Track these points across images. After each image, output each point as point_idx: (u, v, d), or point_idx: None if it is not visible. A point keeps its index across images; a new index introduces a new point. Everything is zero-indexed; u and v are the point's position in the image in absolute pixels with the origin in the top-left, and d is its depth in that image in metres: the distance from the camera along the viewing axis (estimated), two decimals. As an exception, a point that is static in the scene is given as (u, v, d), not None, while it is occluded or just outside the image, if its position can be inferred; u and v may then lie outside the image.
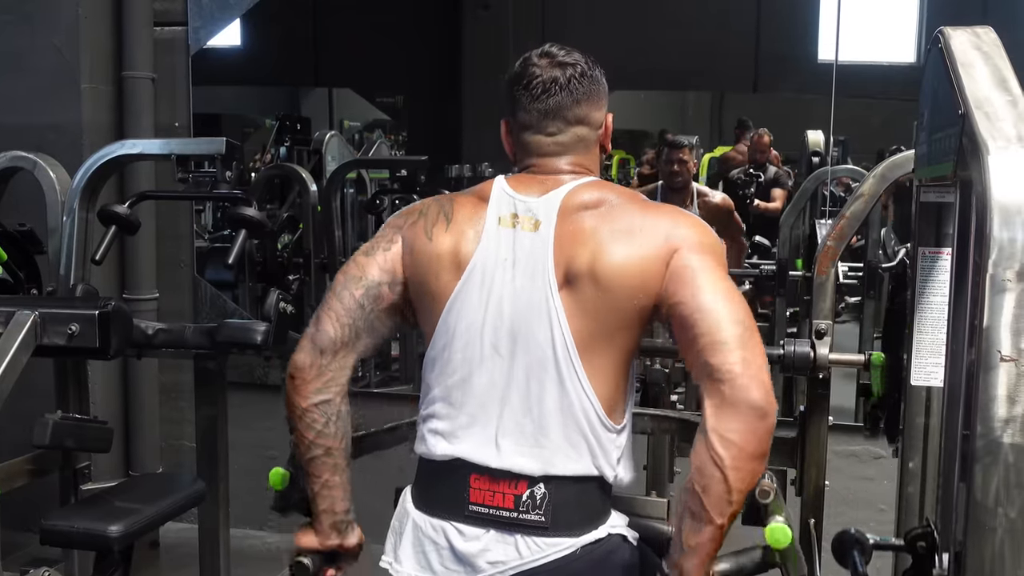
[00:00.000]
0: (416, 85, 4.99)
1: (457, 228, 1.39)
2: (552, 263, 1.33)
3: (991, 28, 1.24)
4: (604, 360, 1.33)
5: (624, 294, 1.30)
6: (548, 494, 1.32)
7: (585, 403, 1.32)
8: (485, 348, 1.35)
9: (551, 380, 1.32)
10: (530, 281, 1.34)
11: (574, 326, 1.31)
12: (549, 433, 1.32)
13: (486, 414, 1.35)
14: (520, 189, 1.40)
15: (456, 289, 1.36)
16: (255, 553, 3.37)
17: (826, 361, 1.86)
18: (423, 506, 1.40)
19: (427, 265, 1.39)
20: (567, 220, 1.35)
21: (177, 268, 3.56)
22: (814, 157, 3.77)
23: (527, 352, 1.33)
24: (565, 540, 1.31)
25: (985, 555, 1.03)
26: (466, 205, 1.42)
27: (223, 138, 2.26)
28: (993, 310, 1.01)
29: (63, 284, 2.32)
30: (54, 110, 3.26)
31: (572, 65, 1.39)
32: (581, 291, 1.31)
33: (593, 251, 1.31)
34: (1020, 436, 1.01)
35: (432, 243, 1.39)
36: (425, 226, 1.41)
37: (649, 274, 1.30)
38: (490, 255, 1.36)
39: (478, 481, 1.34)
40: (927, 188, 1.61)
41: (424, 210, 1.43)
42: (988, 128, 1.08)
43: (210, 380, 2.29)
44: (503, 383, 1.34)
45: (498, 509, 1.33)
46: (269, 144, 4.73)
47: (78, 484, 2.40)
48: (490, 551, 1.33)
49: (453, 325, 1.36)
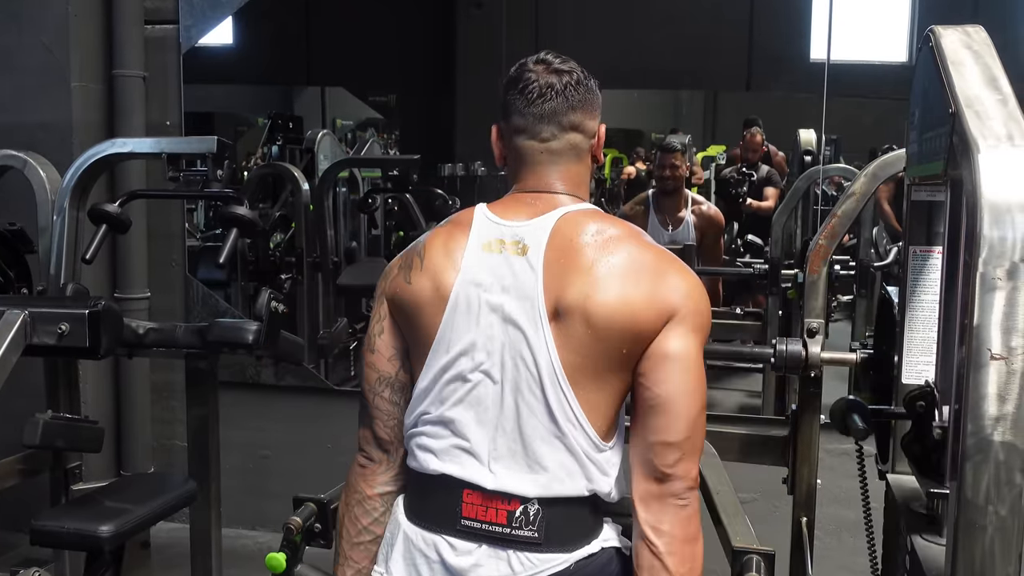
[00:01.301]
0: (409, 84, 4.98)
1: (431, 264, 1.38)
2: (542, 290, 1.31)
3: (981, 27, 1.25)
4: (596, 395, 1.31)
5: (615, 339, 1.29)
6: (541, 511, 1.31)
7: (577, 433, 1.31)
8: (476, 374, 1.33)
9: (541, 409, 1.31)
10: (519, 307, 1.32)
11: (564, 360, 1.29)
12: (542, 460, 1.31)
13: (478, 440, 1.34)
14: (505, 215, 1.38)
15: (443, 321, 1.35)
16: (247, 553, 3.36)
17: (818, 360, 1.86)
18: (415, 518, 1.39)
19: (412, 308, 1.38)
20: (559, 247, 1.33)
21: (168, 267, 3.55)
22: (806, 156, 3.78)
23: (517, 379, 1.31)
24: (558, 556, 1.31)
25: (976, 553, 1.03)
26: (437, 238, 1.40)
27: (214, 137, 2.25)
28: (983, 308, 1.01)
29: (53, 283, 2.31)
30: (44, 109, 3.25)
31: (568, 72, 1.40)
32: (572, 327, 1.29)
33: (586, 290, 1.29)
34: (1010, 434, 1.01)
35: (412, 286, 1.38)
36: (403, 275, 1.41)
37: (645, 321, 1.29)
38: (473, 280, 1.34)
39: (471, 496, 1.33)
40: (918, 187, 1.61)
41: (399, 263, 1.44)
42: (978, 127, 1.08)
43: (201, 380, 2.29)
44: (495, 410, 1.33)
45: (491, 524, 1.32)
46: (261, 143, 4.72)
47: (69, 484, 2.39)
48: (482, 566, 1.31)
49: (443, 355, 1.35)
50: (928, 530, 1.45)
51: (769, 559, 1.55)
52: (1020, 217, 1.01)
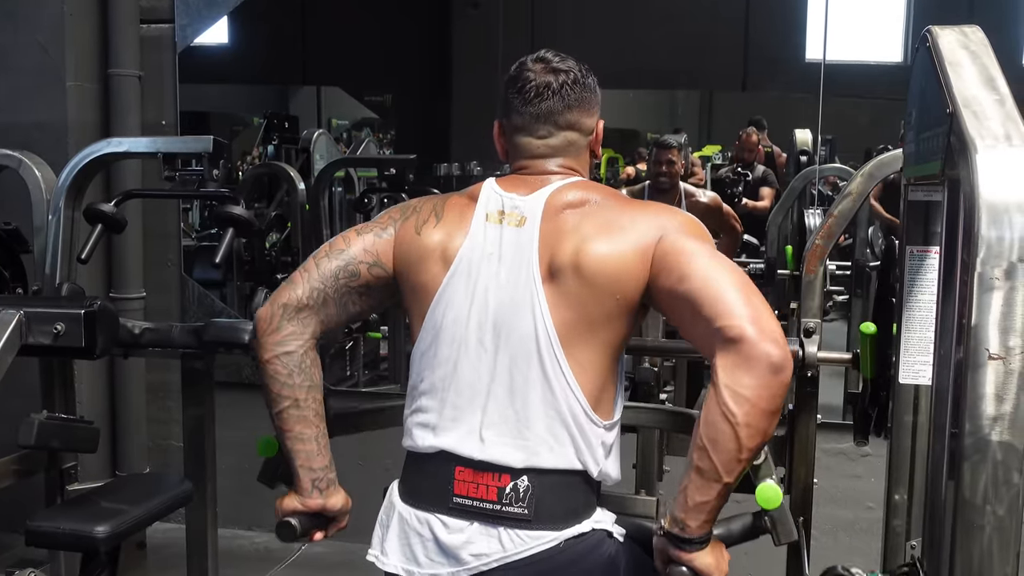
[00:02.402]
0: (405, 84, 4.99)
1: (446, 225, 1.42)
2: (537, 257, 1.36)
3: (979, 27, 1.25)
4: (588, 353, 1.34)
5: (607, 286, 1.32)
6: (531, 487, 1.33)
7: (569, 396, 1.33)
8: (471, 341, 1.37)
9: (534, 372, 1.33)
10: (515, 275, 1.36)
11: (557, 318, 1.33)
12: (532, 425, 1.33)
13: (471, 406, 1.36)
14: (508, 188, 1.43)
15: (443, 283, 1.39)
16: (244, 553, 3.35)
17: (814, 359, 1.86)
18: (409, 499, 1.41)
19: (416, 260, 1.42)
20: (552, 216, 1.38)
21: (164, 267, 3.54)
22: (802, 156, 3.79)
23: (511, 345, 1.35)
24: (548, 533, 1.32)
25: (974, 553, 1.04)
26: (456, 204, 1.45)
27: (210, 136, 2.24)
28: (981, 308, 1.01)
29: (49, 283, 2.30)
30: (39, 108, 3.23)
31: (565, 72, 1.43)
32: (564, 284, 1.33)
33: (576, 245, 1.34)
34: (1008, 434, 1.01)
35: (421, 238, 1.42)
36: (416, 222, 1.44)
37: (632, 265, 1.32)
38: (476, 250, 1.39)
39: (462, 473, 1.35)
40: (915, 187, 1.61)
41: (417, 207, 1.47)
42: (976, 127, 1.08)
43: (197, 380, 2.28)
44: (488, 376, 1.36)
45: (481, 501, 1.34)
46: (257, 142, 4.71)
47: (64, 484, 2.38)
48: (474, 543, 1.33)
49: (440, 319, 1.39)
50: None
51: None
52: (1018, 217, 1.01)
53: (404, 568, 1.38)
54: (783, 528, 1.40)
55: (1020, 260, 1.01)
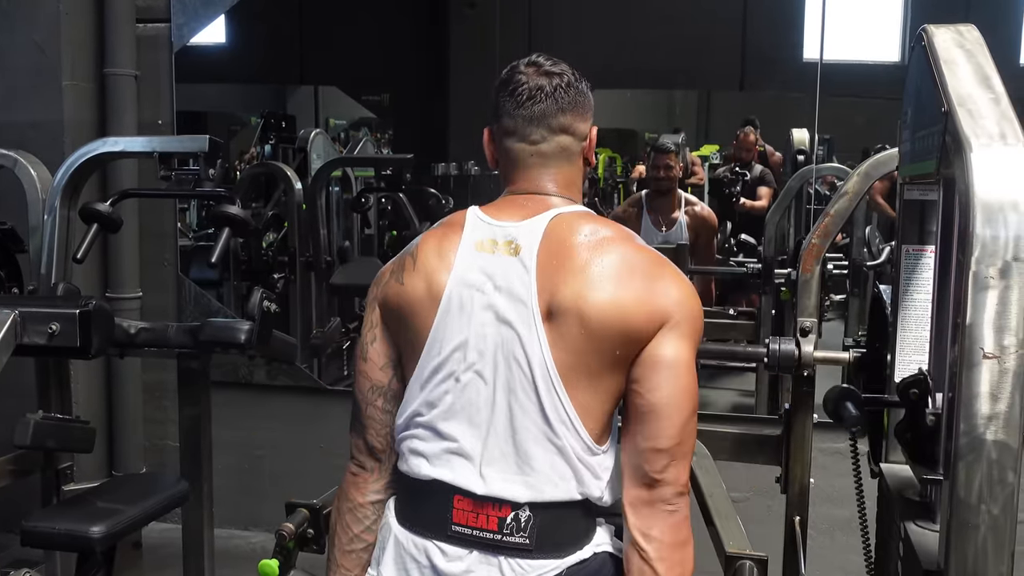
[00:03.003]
0: (402, 83, 4.97)
1: (424, 265, 1.37)
2: (536, 292, 1.30)
3: (974, 26, 1.25)
4: (589, 397, 1.30)
5: (608, 340, 1.28)
6: (532, 517, 1.30)
7: (570, 435, 1.30)
8: (468, 374, 1.33)
9: (534, 410, 1.30)
10: (512, 307, 1.31)
11: (558, 359, 1.29)
12: (533, 463, 1.30)
13: (471, 442, 1.33)
14: (498, 216, 1.37)
15: (435, 322, 1.34)
16: (240, 553, 3.35)
17: (811, 359, 1.86)
18: (405, 522, 1.38)
19: (405, 309, 1.38)
20: (552, 248, 1.32)
21: (161, 267, 3.54)
22: (799, 155, 3.79)
23: (510, 379, 1.31)
24: (550, 562, 1.30)
25: (968, 552, 1.04)
26: (431, 240, 1.40)
27: (206, 136, 2.24)
28: (976, 307, 1.01)
29: (44, 283, 2.30)
30: (35, 107, 3.23)
31: (559, 75, 1.39)
32: (566, 327, 1.28)
33: (581, 287, 1.28)
34: (1003, 433, 1.01)
35: (405, 287, 1.38)
36: (396, 278, 1.40)
37: (636, 327, 1.28)
38: (466, 280, 1.34)
39: (461, 502, 1.32)
40: (911, 186, 1.61)
41: (391, 268, 1.43)
42: (971, 126, 1.08)
43: (193, 379, 2.28)
44: (487, 411, 1.32)
45: (481, 531, 1.31)
46: (254, 142, 4.71)
47: (60, 485, 2.38)
48: (473, 572, 1.31)
49: (436, 355, 1.34)
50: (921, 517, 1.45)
51: (762, 564, 1.55)
52: (1013, 216, 1.01)
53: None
54: None
55: (1015, 259, 1.01)
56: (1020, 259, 1.01)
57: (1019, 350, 1.01)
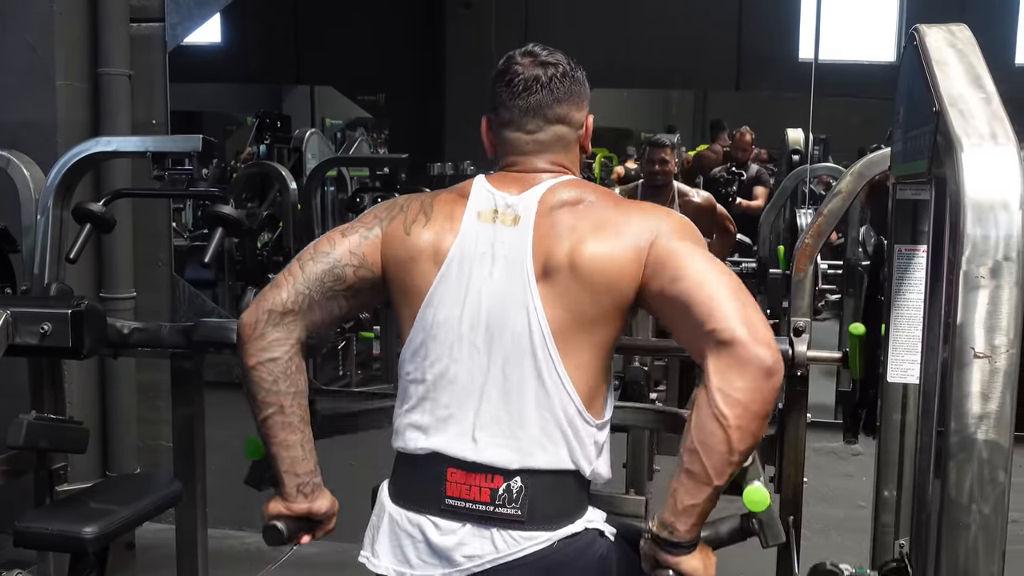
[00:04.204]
0: (398, 83, 4.98)
1: (435, 224, 1.40)
2: (531, 256, 1.34)
3: (966, 26, 1.25)
4: (583, 353, 1.33)
5: (603, 285, 1.32)
6: (524, 488, 1.32)
7: (563, 395, 1.33)
8: (463, 341, 1.35)
9: (529, 372, 1.33)
10: (508, 274, 1.35)
11: (552, 317, 1.32)
12: (526, 425, 1.33)
13: (464, 408, 1.35)
14: (500, 186, 1.42)
15: (434, 283, 1.37)
16: (234, 554, 3.34)
17: (804, 359, 1.86)
18: (400, 500, 1.40)
19: (405, 260, 1.40)
20: (546, 215, 1.37)
21: (155, 267, 3.53)
22: (794, 155, 3.79)
23: (504, 344, 1.34)
24: (541, 534, 1.32)
25: (959, 552, 1.03)
26: (446, 202, 1.43)
27: (199, 135, 2.23)
28: (967, 307, 1.01)
29: (37, 283, 2.29)
30: (28, 107, 3.21)
31: (554, 65, 1.42)
32: (560, 283, 1.32)
33: (572, 244, 1.33)
34: (994, 432, 1.01)
35: (410, 238, 1.40)
36: (404, 221, 1.42)
37: (628, 266, 1.32)
38: (468, 249, 1.37)
39: (454, 475, 1.34)
40: (903, 186, 1.61)
41: (405, 206, 1.45)
42: (962, 125, 1.08)
43: (187, 380, 2.27)
44: (481, 377, 1.35)
45: (474, 503, 1.33)
46: (249, 142, 4.70)
47: (53, 485, 2.36)
48: (466, 545, 1.33)
49: (431, 319, 1.37)
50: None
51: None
52: (1003, 215, 1.01)
53: (396, 570, 1.38)
54: (771, 531, 1.40)
55: (1005, 258, 1.01)
56: (1011, 259, 1.01)
57: (1010, 349, 1.01)
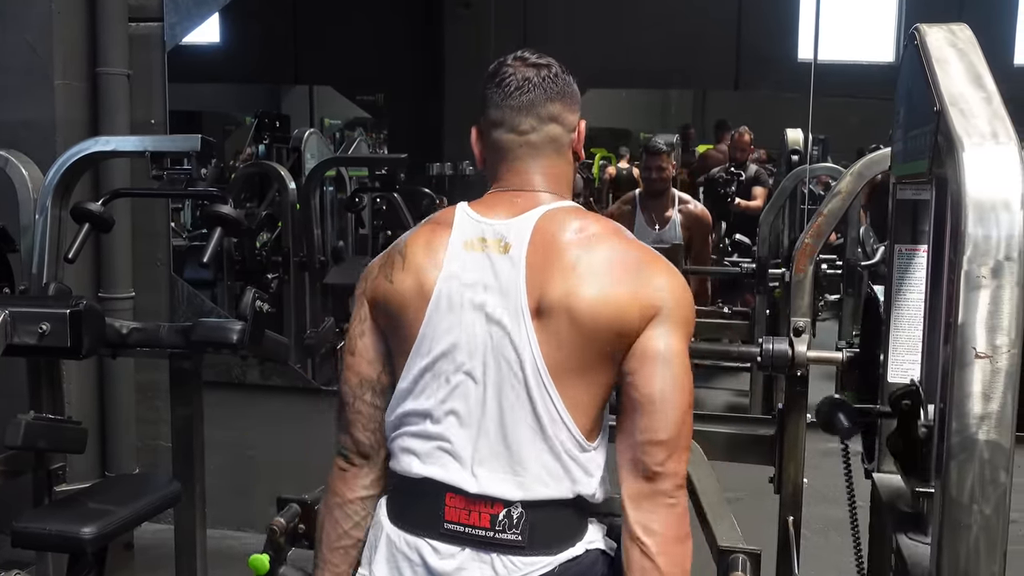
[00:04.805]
0: (397, 83, 4.97)
1: (413, 263, 1.36)
2: (525, 289, 1.30)
3: (966, 25, 1.24)
4: (580, 393, 1.30)
5: (599, 336, 1.28)
6: (525, 514, 1.30)
7: (561, 432, 1.30)
8: (458, 374, 1.32)
9: (525, 408, 1.29)
10: (502, 306, 1.31)
11: (548, 356, 1.28)
12: (525, 462, 1.30)
13: (461, 442, 1.32)
14: (486, 213, 1.36)
15: (424, 320, 1.34)
16: (233, 554, 3.33)
17: (804, 359, 1.86)
18: (397, 521, 1.37)
19: (394, 307, 1.37)
20: (541, 245, 1.31)
21: (153, 267, 3.52)
22: (793, 155, 3.79)
23: (500, 379, 1.30)
24: (542, 559, 1.30)
25: (960, 552, 1.03)
26: (419, 238, 1.39)
27: (198, 135, 2.23)
28: (968, 307, 1.01)
29: (36, 283, 2.29)
30: (26, 107, 3.21)
31: (546, 67, 1.40)
32: (555, 324, 1.28)
33: (571, 284, 1.28)
34: (995, 433, 1.01)
35: (394, 285, 1.37)
36: (384, 274, 1.39)
37: (627, 322, 1.28)
38: (454, 279, 1.33)
39: (453, 500, 1.32)
40: (903, 185, 1.61)
41: (380, 263, 1.42)
42: (963, 125, 1.08)
43: (186, 380, 2.27)
44: (479, 410, 1.32)
45: (474, 528, 1.30)
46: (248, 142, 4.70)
47: (52, 485, 2.36)
48: (465, 569, 1.30)
49: (425, 354, 1.34)
50: (913, 529, 1.45)
51: (755, 558, 1.55)
52: (1005, 215, 1.01)
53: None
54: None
55: (1007, 258, 1.00)
56: (1012, 258, 1.00)
57: (1011, 350, 1.00)
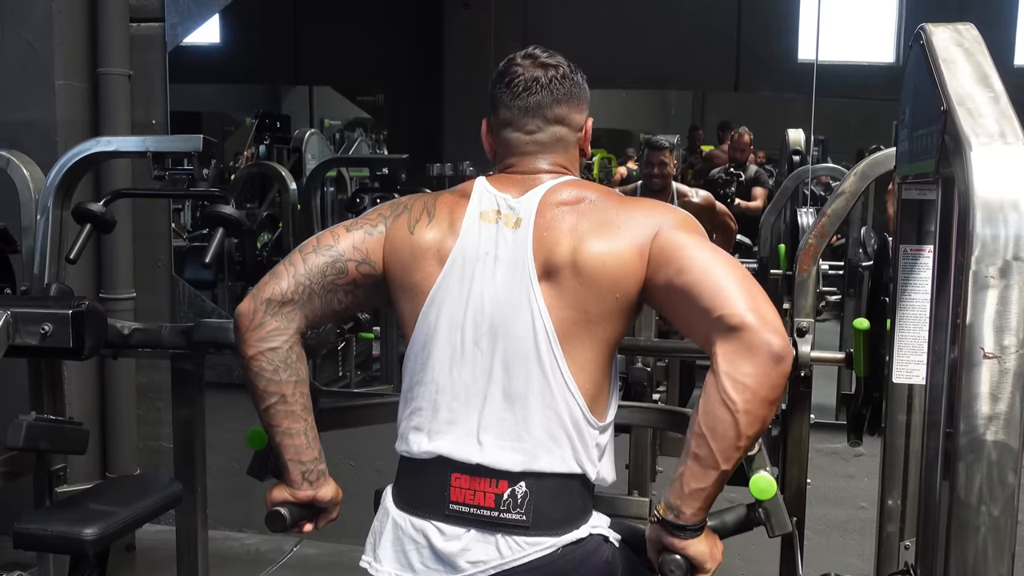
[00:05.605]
0: (397, 84, 4.98)
1: (438, 224, 1.40)
2: (532, 256, 1.34)
3: (972, 25, 1.24)
4: (586, 353, 1.33)
5: (606, 284, 1.32)
6: (529, 492, 1.31)
7: (568, 396, 1.32)
8: (466, 343, 1.35)
9: (533, 373, 1.32)
10: (511, 275, 1.35)
11: (555, 317, 1.32)
12: (531, 427, 1.32)
13: (467, 410, 1.35)
14: (501, 188, 1.42)
15: (436, 283, 1.37)
16: (234, 555, 3.34)
17: (808, 359, 1.86)
18: (404, 505, 1.39)
19: (408, 259, 1.40)
20: (546, 216, 1.37)
21: (155, 267, 3.52)
22: (794, 156, 3.79)
23: (508, 345, 1.33)
24: (546, 539, 1.31)
25: (968, 554, 1.03)
26: (447, 203, 1.43)
27: (200, 135, 2.22)
28: (976, 307, 1.01)
29: (37, 283, 2.29)
30: (27, 107, 3.21)
31: (554, 67, 1.43)
32: (562, 283, 1.32)
33: (574, 244, 1.33)
34: (1003, 433, 1.01)
35: (414, 236, 1.40)
36: (408, 220, 1.42)
37: (631, 263, 1.32)
38: (470, 249, 1.37)
39: (459, 480, 1.34)
40: (908, 185, 1.61)
41: (408, 205, 1.45)
42: (970, 125, 1.07)
43: (187, 380, 2.26)
44: (484, 378, 1.34)
45: (479, 508, 1.32)
46: (249, 142, 4.70)
47: (53, 486, 2.36)
48: (471, 550, 1.32)
49: (434, 319, 1.37)
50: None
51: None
52: (1013, 215, 1.01)
53: (399, 575, 1.37)
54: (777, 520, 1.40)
55: (1015, 258, 1.00)
56: (1020, 258, 1.00)
57: (1019, 350, 1.00)
